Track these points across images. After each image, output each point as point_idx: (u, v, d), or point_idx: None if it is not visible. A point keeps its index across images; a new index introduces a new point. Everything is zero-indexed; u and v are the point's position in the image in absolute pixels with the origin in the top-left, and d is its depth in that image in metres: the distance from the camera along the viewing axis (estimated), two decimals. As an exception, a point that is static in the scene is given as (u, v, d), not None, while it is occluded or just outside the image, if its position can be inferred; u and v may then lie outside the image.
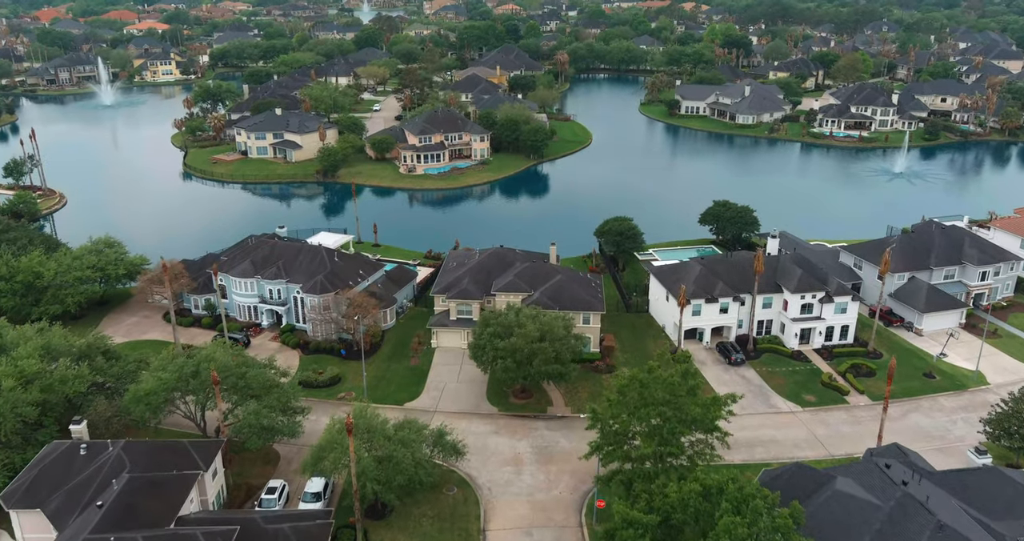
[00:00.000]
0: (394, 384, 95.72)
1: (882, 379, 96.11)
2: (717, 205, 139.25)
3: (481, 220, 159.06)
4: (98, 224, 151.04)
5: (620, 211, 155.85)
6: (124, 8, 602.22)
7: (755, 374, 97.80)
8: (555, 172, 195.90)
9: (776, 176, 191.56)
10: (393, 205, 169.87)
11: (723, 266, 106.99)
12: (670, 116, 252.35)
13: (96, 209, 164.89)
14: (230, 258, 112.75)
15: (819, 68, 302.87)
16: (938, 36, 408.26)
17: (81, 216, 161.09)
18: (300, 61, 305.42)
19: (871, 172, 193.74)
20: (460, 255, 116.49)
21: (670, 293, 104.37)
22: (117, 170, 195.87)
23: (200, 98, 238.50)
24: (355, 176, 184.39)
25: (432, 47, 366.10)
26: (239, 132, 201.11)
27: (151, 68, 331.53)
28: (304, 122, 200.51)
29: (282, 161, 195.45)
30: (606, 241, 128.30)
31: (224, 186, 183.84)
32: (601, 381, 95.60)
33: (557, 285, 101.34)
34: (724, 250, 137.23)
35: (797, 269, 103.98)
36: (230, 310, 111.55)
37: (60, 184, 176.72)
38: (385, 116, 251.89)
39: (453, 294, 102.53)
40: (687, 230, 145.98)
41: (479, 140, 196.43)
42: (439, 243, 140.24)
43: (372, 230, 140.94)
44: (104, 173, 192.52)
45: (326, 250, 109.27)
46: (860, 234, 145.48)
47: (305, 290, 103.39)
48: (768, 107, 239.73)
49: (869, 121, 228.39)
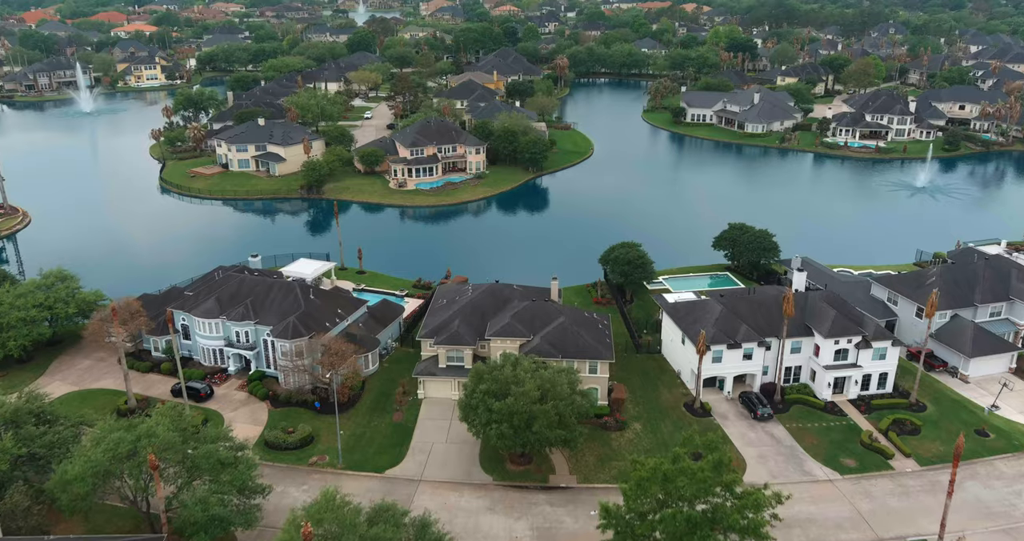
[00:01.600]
0: (375, 445, 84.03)
1: (930, 438, 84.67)
2: (732, 229, 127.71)
3: (476, 242, 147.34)
4: (62, 247, 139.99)
5: (625, 231, 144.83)
6: (114, 10, 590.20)
7: (785, 432, 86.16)
8: (555, 186, 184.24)
9: (790, 190, 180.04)
10: (381, 224, 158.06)
11: (746, 304, 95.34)
12: (675, 124, 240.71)
13: (62, 229, 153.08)
14: (195, 294, 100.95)
15: (828, 73, 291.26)
16: (948, 39, 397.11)
17: (44, 238, 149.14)
18: (289, 66, 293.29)
19: (891, 186, 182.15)
20: (451, 290, 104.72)
21: (687, 336, 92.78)
22: (89, 185, 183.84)
23: (181, 106, 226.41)
24: (342, 191, 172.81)
25: (427, 50, 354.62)
26: (219, 144, 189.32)
27: (135, 73, 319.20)
28: (289, 133, 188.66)
29: (265, 175, 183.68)
30: (612, 270, 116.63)
31: (202, 202, 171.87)
32: (610, 441, 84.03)
33: (560, 329, 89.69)
34: (740, 277, 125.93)
35: (830, 310, 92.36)
36: (194, 353, 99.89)
37: (24, 201, 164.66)
38: (377, 124, 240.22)
39: (442, 339, 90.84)
40: (699, 254, 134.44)
41: (474, 152, 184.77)
42: (430, 269, 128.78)
43: (357, 255, 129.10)
44: (74, 188, 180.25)
45: (300, 287, 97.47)
46: (886, 258, 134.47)
47: (275, 334, 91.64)
48: (778, 115, 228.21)
49: (885, 130, 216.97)
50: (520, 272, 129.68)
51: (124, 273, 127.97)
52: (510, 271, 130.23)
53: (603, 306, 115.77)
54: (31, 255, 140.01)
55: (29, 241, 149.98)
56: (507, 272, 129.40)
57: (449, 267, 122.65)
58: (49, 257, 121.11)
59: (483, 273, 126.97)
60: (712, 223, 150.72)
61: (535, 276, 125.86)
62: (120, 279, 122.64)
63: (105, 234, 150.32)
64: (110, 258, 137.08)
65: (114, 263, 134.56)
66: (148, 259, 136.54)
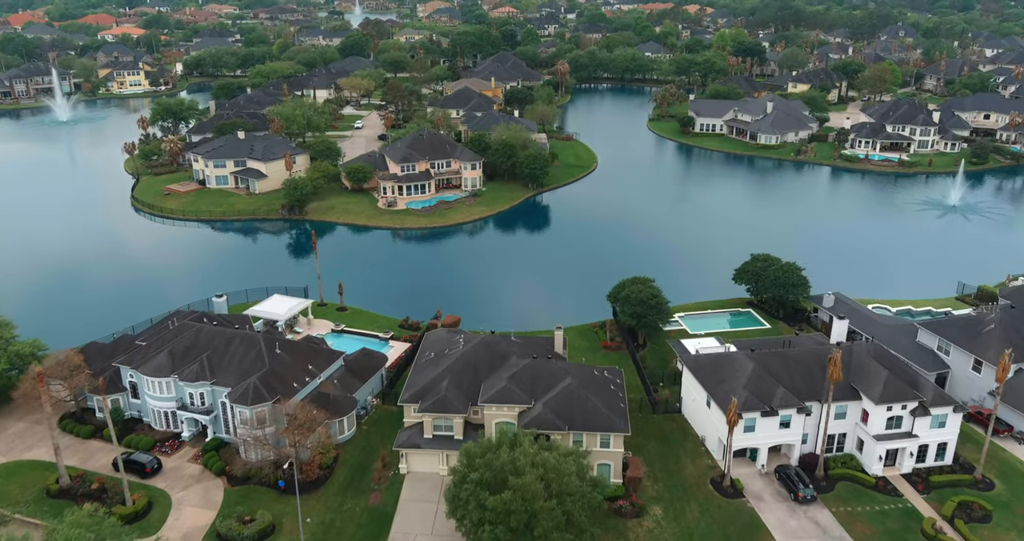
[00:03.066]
0: (346, 537, 70.86)
1: (1004, 526, 71.61)
2: (756, 260, 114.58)
3: (470, 271, 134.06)
4: (15, 280, 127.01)
5: (634, 258, 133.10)
6: (103, 12, 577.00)
7: (831, 518, 72.98)
8: (557, 205, 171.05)
9: (809, 209, 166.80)
10: (367, 250, 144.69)
11: (781, 361, 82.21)
12: (683, 134, 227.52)
13: (17, 256, 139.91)
14: (146, 345, 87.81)
15: (842, 79, 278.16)
16: (961, 41, 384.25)
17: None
18: (277, 72, 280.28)
19: (918, 204, 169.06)
20: (440, 339, 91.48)
21: (713, 399, 79.70)
22: (53, 205, 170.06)
23: (159, 116, 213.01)
24: (326, 211, 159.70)
25: (423, 55, 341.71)
26: (196, 159, 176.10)
27: (118, 79, 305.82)
28: (271, 147, 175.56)
29: (244, 192, 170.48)
30: (623, 310, 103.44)
31: (174, 224, 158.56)
32: (627, 532, 70.89)
33: (566, 393, 76.56)
34: (764, 314, 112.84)
35: (880, 369, 79.28)
36: (144, 414, 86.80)
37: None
38: (368, 134, 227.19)
39: (428, 405, 77.70)
40: (716, 285, 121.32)
41: (470, 168, 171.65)
42: (418, 305, 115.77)
43: (337, 290, 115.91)
44: (37, 209, 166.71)
45: (265, 340, 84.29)
46: (924, 291, 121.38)
47: (234, 398, 78.48)
48: (793, 125, 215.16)
49: (907, 142, 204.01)
50: (519, 309, 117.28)
51: (75, 313, 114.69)
52: (508, 308, 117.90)
53: (613, 351, 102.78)
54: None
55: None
56: (505, 309, 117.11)
57: (439, 307, 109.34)
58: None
59: (477, 310, 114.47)
60: (728, 248, 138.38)
61: (536, 314, 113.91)
62: (70, 320, 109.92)
63: (58, 266, 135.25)
64: (61, 294, 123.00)
65: (65, 300, 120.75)
66: (106, 294, 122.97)
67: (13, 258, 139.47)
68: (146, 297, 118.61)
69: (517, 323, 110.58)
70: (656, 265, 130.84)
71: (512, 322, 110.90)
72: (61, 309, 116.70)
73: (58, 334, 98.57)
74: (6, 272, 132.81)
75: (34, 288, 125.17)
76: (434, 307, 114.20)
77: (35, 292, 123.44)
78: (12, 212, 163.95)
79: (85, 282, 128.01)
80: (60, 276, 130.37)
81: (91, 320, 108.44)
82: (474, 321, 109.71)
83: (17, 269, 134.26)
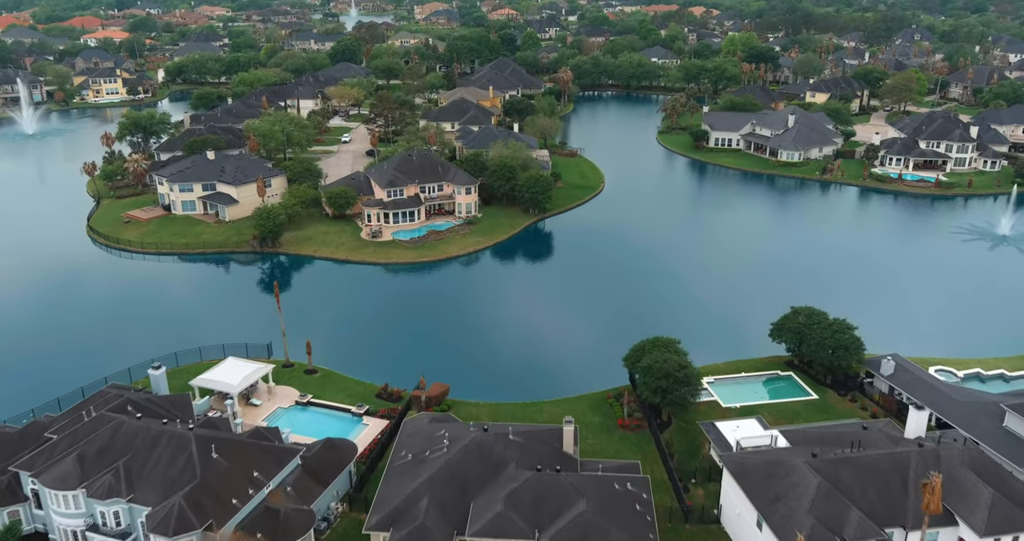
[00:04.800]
0: None
1: None
2: (797, 314, 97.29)
3: (461, 320, 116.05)
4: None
5: (650, 305, 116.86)
6: (91, 14, 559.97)
7: None
8: (560, 234, 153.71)
9: (842, 239, 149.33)
10: (345, 290, 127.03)
11: (851, 471, 64.86)
12: (696, 149, 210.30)
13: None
14: (53, 443, 70.47)
15: (863, 87, 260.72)
16: (982, 46, 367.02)
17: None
18: (261, 80, 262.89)
19: (963, 233, 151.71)
20: (420, 432, 74.01)
21: (766, 521, 62.40)
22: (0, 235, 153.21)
23: (127, 131, 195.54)
24: (303, 243, 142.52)
25: (417, 61, 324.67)
26: (160, 181, 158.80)
27: (93, 87, 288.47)
28: (244, 168, 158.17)
29: (213, 220, 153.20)
30: (644, 383, 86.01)
31: (132, 258, 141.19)
32: None
33: (579, 524, 59.25)
34: (807, 378, 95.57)
35: (982, 487, 62.04)
36: (51, 531, 69.51)
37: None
38: (355, 149, 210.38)
39: (402, 537, 60.35)
40: (748, 336, 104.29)
41: (464, 192, 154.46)
42: (400, 365, 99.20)
43: (305, 350, 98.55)
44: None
45: (199, 441, 66.85)
46: (989, 347, 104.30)
47: (152, 526, 61.17)
48: (816, 140, 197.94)
49: (943, 159, 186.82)
50: (519, 372, 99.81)
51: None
52: (505, 370, 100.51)
53: (631, 431, 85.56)
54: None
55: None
56: (502, 372, 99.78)
57: (423, 377, 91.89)
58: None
59: (469, 374, 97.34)
60: (758, 291, 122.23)
61: (539, 380, 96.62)
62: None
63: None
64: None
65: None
66: (34, 353, 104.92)
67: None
68: (83, 357, 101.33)
69: (517, 392, 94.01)
70: (676, 313, 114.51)
71: (511, 390, 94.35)
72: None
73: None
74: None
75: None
76: (418, 365, 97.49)
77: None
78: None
79: (11, 338, 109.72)
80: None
81: (6, 391, 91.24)
82: (465, 389, 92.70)
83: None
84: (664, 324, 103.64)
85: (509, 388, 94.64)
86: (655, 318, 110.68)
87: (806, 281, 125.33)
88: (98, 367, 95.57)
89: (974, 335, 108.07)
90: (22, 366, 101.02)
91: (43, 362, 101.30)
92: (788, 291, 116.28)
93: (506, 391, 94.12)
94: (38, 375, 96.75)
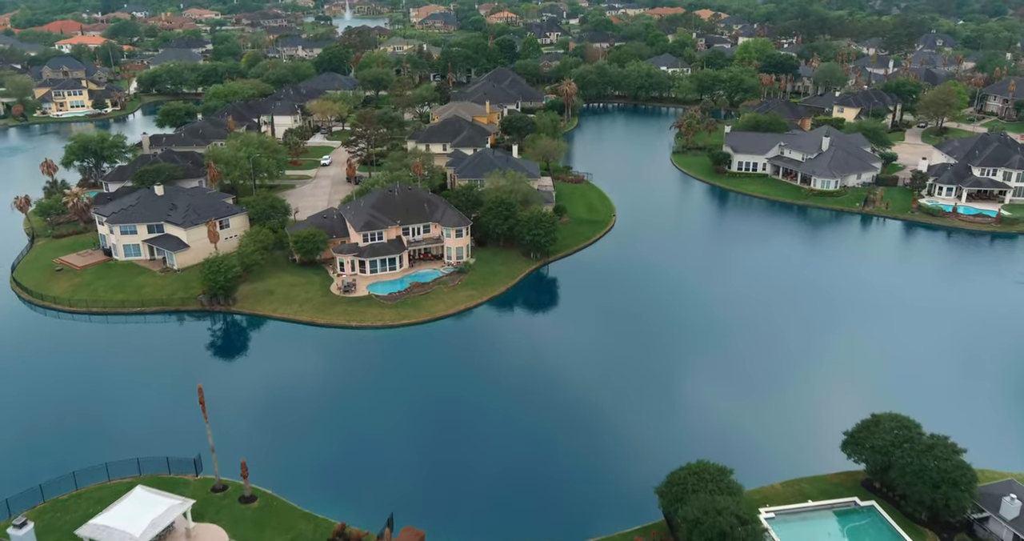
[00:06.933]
0: None
1: None
2: (879, 424, 74.92)
3: (443, 415, 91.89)
4: None
5: (677, 394, 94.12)
6: (71, 17, 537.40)
7: None
8: (566, 285, 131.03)
9: (906, 293, 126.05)
10: (301, 371, 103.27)
11: None
12: (716, 173, 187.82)
13: None
14: None
15: (896, 101, 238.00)
16: (1013, 52, 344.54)
17: None
18: (237, 93, 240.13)
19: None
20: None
21: None
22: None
23: (75, 155, 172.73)
24: (261, 298, 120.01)
25: (410, 69, 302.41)
26: (101, 221, 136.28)
27: (56, 99, 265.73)
28: (198, 206, 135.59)
29: (160, 267, 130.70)
30: (688, 529, 63.44)
31: (58, 317, 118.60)
32: None
33: None
34: (896, 514, 72.92)
35: None
36: None
37: None
38: (335, 174, 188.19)
39: None
40: (809, 446, 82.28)
41: (454, 235, 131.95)
42: (363, 494, 76.80)
43: (240, 470, 75.82)
44: None
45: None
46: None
47: None
48: (854, 166, 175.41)
49: (1000, 189, 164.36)
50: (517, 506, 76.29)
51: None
52: (500, 499, 77.21)
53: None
54: None
55: None
56: (495, 503, 76.43)
57: (392, 514, 69.28)
58: None
59: (452, 508, 74.59)
60: (813, 372, 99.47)
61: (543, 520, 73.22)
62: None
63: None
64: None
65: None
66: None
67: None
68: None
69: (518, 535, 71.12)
70: (713, 407, 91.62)
71: (509, 533, 71.41)
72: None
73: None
74: None
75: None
76: (389, 489, 75.33)
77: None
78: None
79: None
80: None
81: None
82: (445, 535, 70.07)
83: None
84: (698, 424, 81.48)
85: (504, 534, 71.87)
86: (686, 414, 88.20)
87: (874, 358, 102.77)
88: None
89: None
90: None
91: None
92: (852, 373, 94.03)
93: (503, 535, 71.50)
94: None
